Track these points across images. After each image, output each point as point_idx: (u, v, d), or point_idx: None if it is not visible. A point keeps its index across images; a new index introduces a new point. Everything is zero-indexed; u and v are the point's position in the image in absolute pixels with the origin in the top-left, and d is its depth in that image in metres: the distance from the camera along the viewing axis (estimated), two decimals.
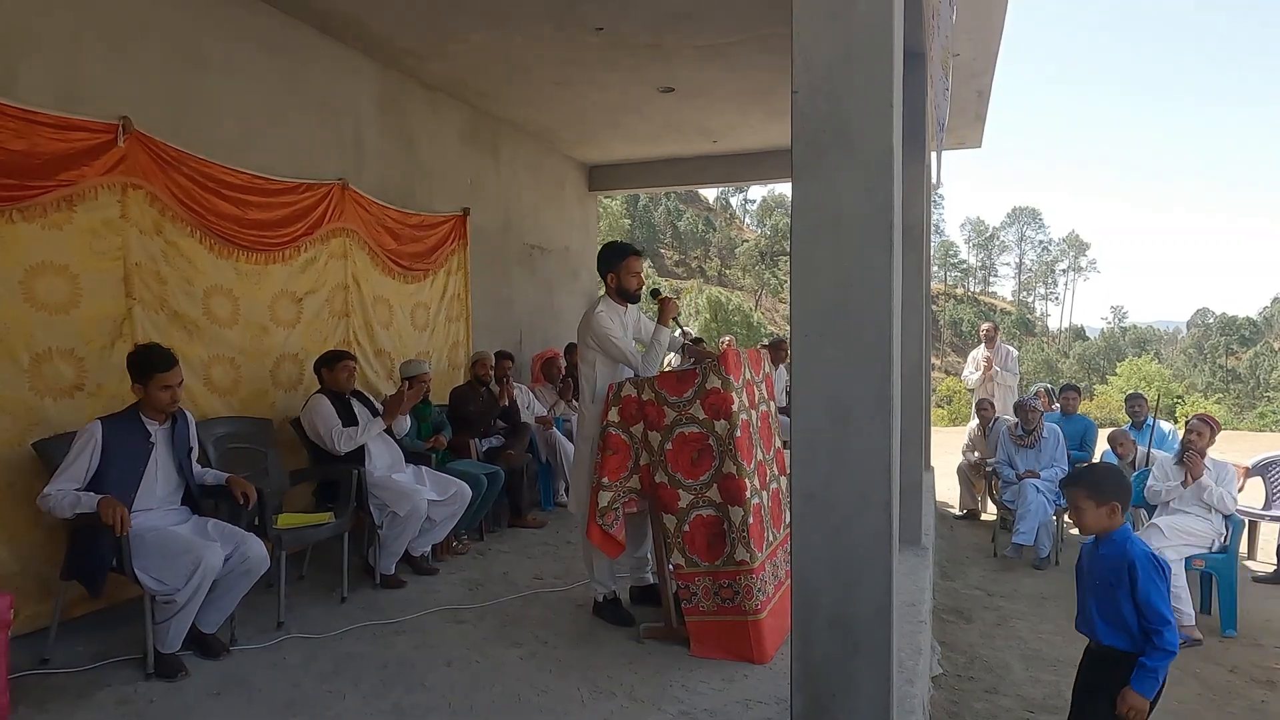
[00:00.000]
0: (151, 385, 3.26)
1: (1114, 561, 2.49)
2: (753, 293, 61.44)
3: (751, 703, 2.99)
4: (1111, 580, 2.49)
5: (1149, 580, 2.42)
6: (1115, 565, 2.48)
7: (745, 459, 3.43)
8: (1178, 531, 4.62)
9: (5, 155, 3.40)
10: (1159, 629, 2.39)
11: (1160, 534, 4.59)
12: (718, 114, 7.33)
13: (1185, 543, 4.60)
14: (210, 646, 3.37)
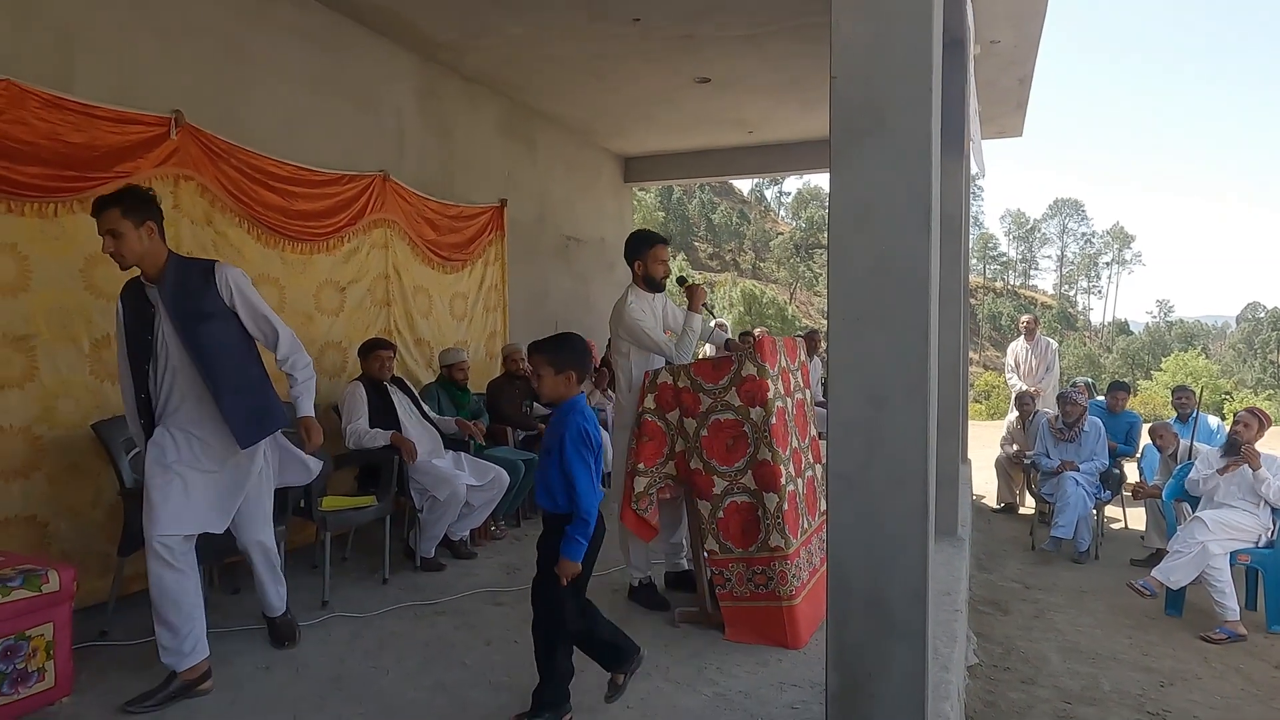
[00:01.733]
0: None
1: (556, 429, 2.59)
2: (787, 286, 61.04)
3: (785, 685, 3.02)
4: (550, 446, 2.59)
5: (574, 451, 2.53)
6: (556, 434, 2.57)
7: (780, 446, 3.45)
8: (1223, 525, 4.54)
9: (66, 148, 3.53)
10: (576, 499, 2.53)
11: (1205, 528, 4.52)
12: (753, 105, 7.32)
13: (1230, 537, 4.52)
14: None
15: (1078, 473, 5.88)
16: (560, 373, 2.62)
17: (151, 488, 2.79)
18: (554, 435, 2.59)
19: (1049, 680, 3.87)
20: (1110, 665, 4.06)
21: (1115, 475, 6.29)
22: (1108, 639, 4.40)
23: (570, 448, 2.53)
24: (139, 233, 2.78)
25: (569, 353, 2.65)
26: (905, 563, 1.92)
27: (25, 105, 3.39)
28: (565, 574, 2.55)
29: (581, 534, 2.54)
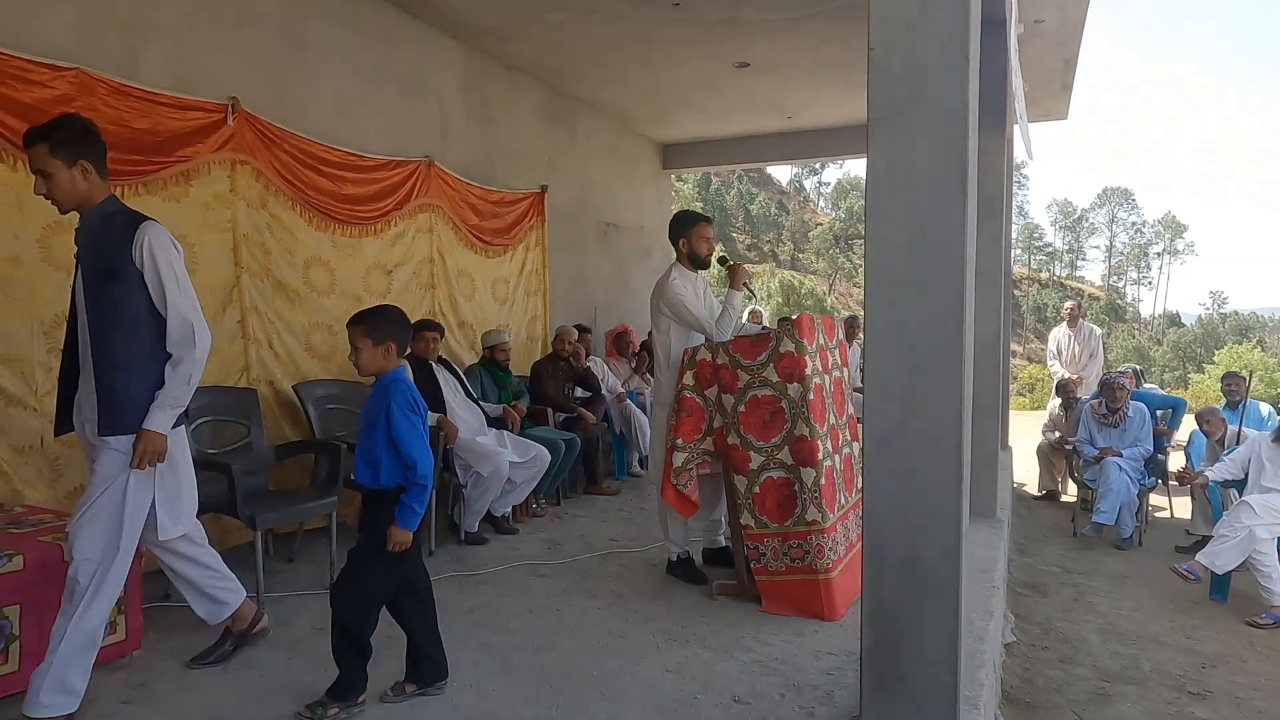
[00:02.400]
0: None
1: (380, 401, 2.54)
2: (826, 277, 60.49)
3: (821, 654, 3.07)
4: (374, 419, 2.53)
5: (404, 419, 2.50)
6: (381, 405, 2.52)
7: (818, 421, 3.50)
8: (1270, 510, 4.47)
9: (131, 133, 3.70)
10: (413, 466, 2.50)
11: (1252, 512, 4.46)
12: (792, 89, 7.32)
13: (1277, 521, 4.45)
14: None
15: (1121, 458, 5.81)
16: (379, 344, 2.56)
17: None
18: (377, 407, 2.53)
19: (1087, 660, 3.87)
20: (1151, 647, 4.04)
21: (1160, 461, 6.20)
22: (1149, 622, 4.37)
23: (400, 415, 2.50)
24: (72, 172, 2.43)
25: (388, 324, 2.60)
26: (939, 522, 1.96)
27: (94, 93, 3.56)
28: (398, 542, 2.52)
29: (419, 501, 2.53)
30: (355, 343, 2.56)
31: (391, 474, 2.51)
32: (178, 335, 2.51)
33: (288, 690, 2.76)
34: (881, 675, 2.04)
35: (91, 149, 2.47)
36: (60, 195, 2.46)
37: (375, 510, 2.54)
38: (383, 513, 2.52)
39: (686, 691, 2.77)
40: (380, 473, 2.51)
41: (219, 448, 3.86)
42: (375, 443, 2.50)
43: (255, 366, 4.27)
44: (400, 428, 2.49)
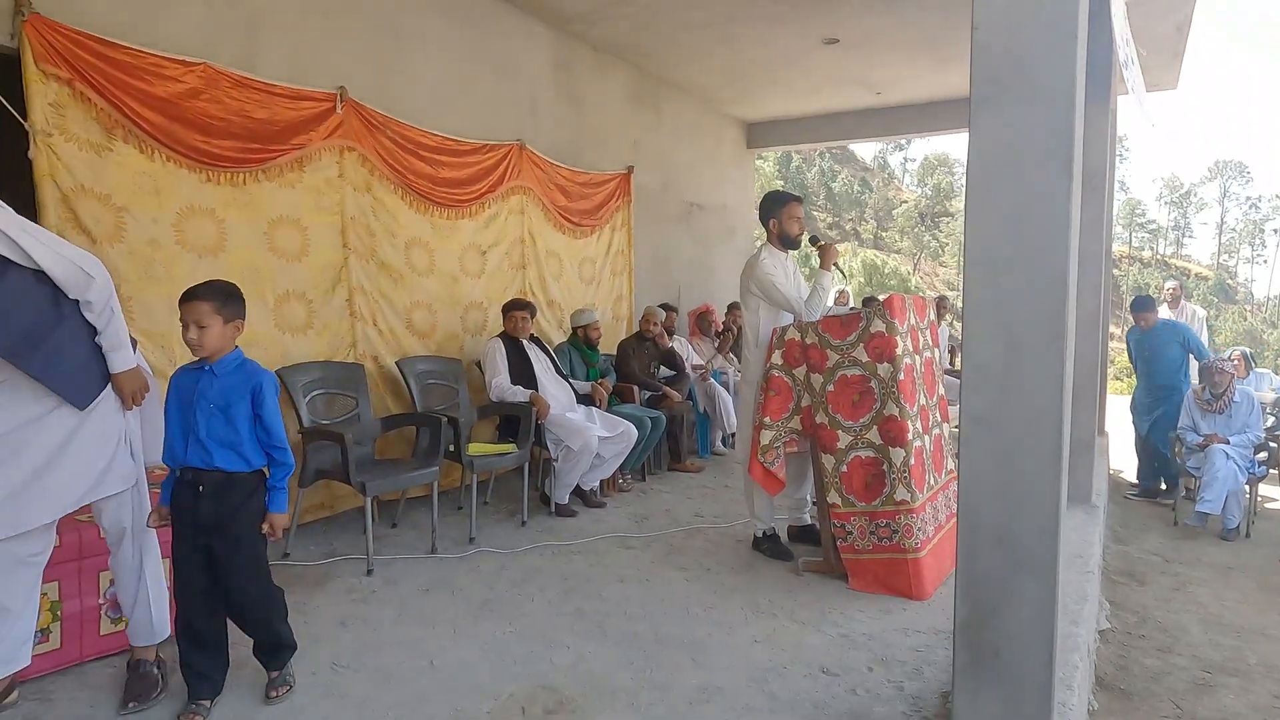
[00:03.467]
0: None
1: (244, 383, 2.40)
2: (911, 256, 58.82)
3: (910, 631, 3.10)
4: (232, 401, 2.38)
5: (275, 401, 2.44)
6: (245, 387, 2.40)
7: (908, 402, 3.50)
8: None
9: (252, 123, 3.95)
10: (285, 448, 2.45)
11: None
12: (883, 65, 7.18)
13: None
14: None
15: (1228, 445, 5.56)
16: (229, 322, 2.42)
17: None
18: (237, 388, 2.40)
19: (1187, 650, 3.77)
20: (1258, 640, 3.90)
21: (1275, 450, 5.91)
22: (1257, 615, 4.21)
23: (272, 398, 2.45)
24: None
25: (237, 302, 2.45)
26: (1036, 502, 1.98)
27: (219, 85, 3.81)
28: (278, 528, 2.48)
29: (285, 483, 2.47)
30: (201, 320, 2.34)
31: (256, 457, 2.44)
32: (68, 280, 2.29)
33: (400, 644, 2.97)
34: (975, 650, 2.07)
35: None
36: None
37: (244, 494, 2.43)
38: (255, 496, 2.45)
39: (775, 661, 2.85)
40: (247, 456, 2.41)
41: (330, 418, 4.11)
42: (237, 426, 2.39)
43: (361, 343, 4.52)
44: (274, 411, 2.44)
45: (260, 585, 2.53)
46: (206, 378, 2.40)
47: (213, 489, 2.39)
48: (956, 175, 64.99)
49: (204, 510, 2.39)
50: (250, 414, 2.41)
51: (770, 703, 2.57)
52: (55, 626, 2.62)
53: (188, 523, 2.41)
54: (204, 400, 2.38)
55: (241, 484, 2.42)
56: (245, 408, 2.40)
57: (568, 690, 2.63)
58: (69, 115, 3.27)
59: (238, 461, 2.40)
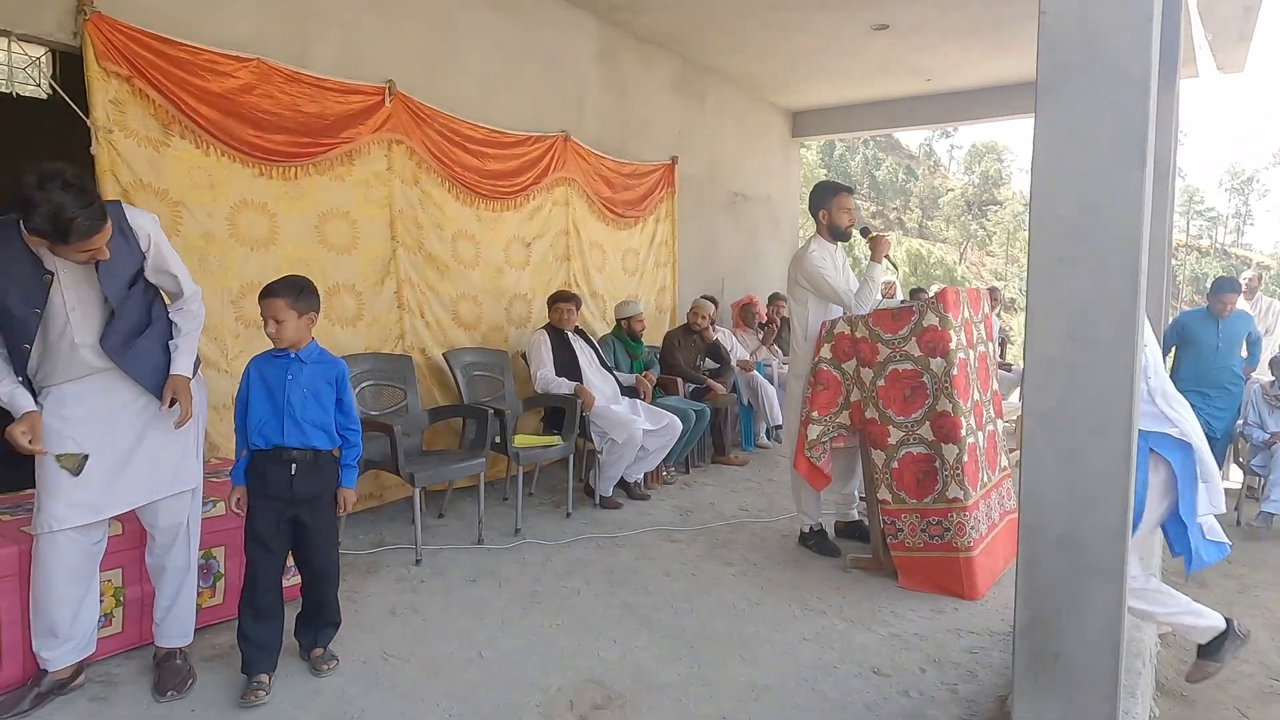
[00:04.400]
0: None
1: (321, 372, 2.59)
2: (956, 245, 57.67)
3: (963, 633, 3.04)
4: (318, 389, 2.57)
5: (350, 389, 2.66)
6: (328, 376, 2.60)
7: (961, 397, 3.42)
8: None
9: (303, 117, 4.00)
10: (356, 430, 2.65)
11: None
12: (934, 51, 7.01)
13: None
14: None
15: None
16: (303, 315, 2.56)
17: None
18: (324, 376, 2.58)
19: (1254, 656, 3.63)
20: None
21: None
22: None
23: (349, 387, 2.64)
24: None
25: (310, 296, 2.58)
26: (1104, 502, 1.91)
27: (271, 81, 3.86)
28: (349, 503, 2.66)
29: (356, 462, 2.68)
30: (278, 315, 2.50)
31: (333, 438, 2.62)
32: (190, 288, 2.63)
33: (449, 634, 2.99)
34: (1036, 654, 2.01)
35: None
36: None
37: (331, 469, 2.63)
38: (335, 473, 2.65)
39: (825, 660, 2.81)
40: (333, 435, 2.61)
41: (380, 410, 4.15)
42: (325, 408, 2.58)
43: (409, 334, 4.56)
44: (350, 398, 2.64)
45: (335, 556, 2.73)
46: (295, 365, 2.57)
47: (305, 466, 2.57)
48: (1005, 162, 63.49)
49: (299, 485, 2.56)
50: (333, 398, 2.61)
51: (820, 702, 2.53)
52: (118, 611, 2.69)
53: (277, 497, 2.56)
54: (296, 385, 2.55)
55: (328, 461, 2.63)
56: (330, 392, 2.61)
57: (615, 685, 2.63)
58: (128, 111, 3.34)
59: (327, 441, 2.60)
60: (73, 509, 2.34)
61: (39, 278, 2.28)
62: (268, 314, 2.52)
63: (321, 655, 2.70)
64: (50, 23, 3.21)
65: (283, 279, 2.59)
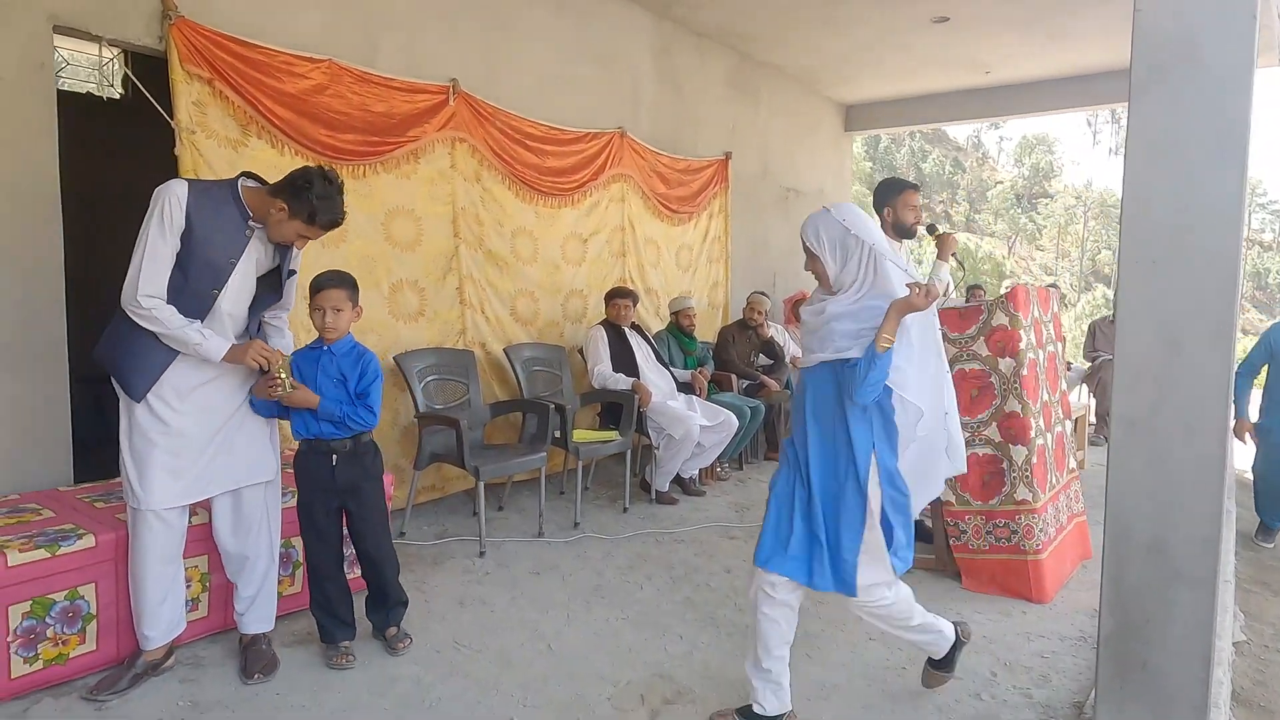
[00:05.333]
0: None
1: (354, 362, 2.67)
2: (1005, 239, 56.49)
3: (1033, 636, 3.00)
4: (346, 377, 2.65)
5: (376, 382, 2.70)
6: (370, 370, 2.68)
7: (1031, 398, 3.37)
8: None
9: (372, 116, 4.08)
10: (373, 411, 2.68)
11: None
12: (994, 43, 6.88)
13: None
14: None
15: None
16: (354, 308, 2.69)
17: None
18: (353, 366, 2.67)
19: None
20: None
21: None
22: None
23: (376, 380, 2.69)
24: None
25: (357, 292, 2.71)
26: (1195, 510, 1.87)
27: (342, 81, 3.94)
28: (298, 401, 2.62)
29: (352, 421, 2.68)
30: (339, 305, 2.63)
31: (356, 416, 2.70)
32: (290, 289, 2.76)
33: (517, 626, 3.05)
34: (1121, 662, 1.99)
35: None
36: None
37: (370, 457, 2.75)
38: (376, 460, 2.77)
39: (893, 661, 2.80)
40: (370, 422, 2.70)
41: (443, 404, 4.23)
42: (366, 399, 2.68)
43: (470, 330, 4.63)
44: (376, 391, 2.70)
45: (388, 540, 2.83)
46: (326, 356, 2.67)
47: (345, 456, 2.67)
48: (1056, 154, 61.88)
49: (341, 475, 2.66)
50: (362, 387, 2.69)
51: (890, 703, 2.53)
52: (204, 596, 2.80)
53: (323, 488, 2.68)
54: (326, 376, 2.65)
55: (366, 448, 2.73)
56: (355, 378, 2.68)
57: (685, 680, 2.65)
58: (209, 113, 3.45)
59: (366, 423, 2.68)
60: (171, 491, 2.44)
61: (241, 232, 2.47)
62: (327, 304, 2.63)
63: (396, 634, 2.82)
64: (138, 27, 3.33)
65: (334, 272, 2.70)
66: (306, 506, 2.71)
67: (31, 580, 2.40)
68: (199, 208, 2.39)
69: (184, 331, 2.39)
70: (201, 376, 2.49)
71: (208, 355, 2.44)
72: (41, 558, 2.41)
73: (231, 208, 2.46)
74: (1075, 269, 44.90)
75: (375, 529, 2.77)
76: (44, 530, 2.54)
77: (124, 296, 2.37)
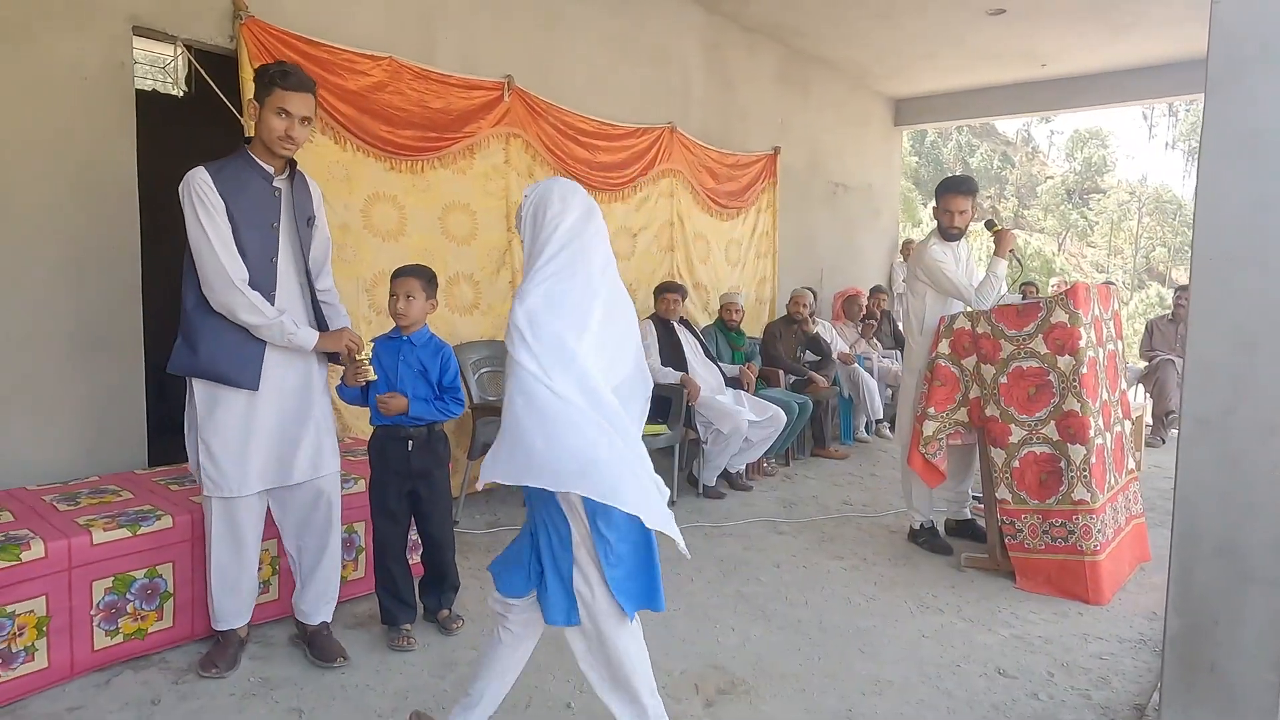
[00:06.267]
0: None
1: (433, 351, 2.77)
2: (1055, 236, 55.22)
3: (1091, 638, 2.97)
4: (427, 367, 2.74)
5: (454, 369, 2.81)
6: (449, 361, 2.79)
7: (1090, 397, 3.33)
8: None
9: (430, 113, 4.16)
10: (459, 400, 2.81)
11: None
12: (1051, 35, 6.75)
13: None
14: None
15: None
16: (428, 299, 2.77)
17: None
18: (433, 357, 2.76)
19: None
20: None
21: None
22: None
23: (453, 367, 2.81)
24: None
25: (434, 286, 2.80)
26: (1267, 509, 1.84)
27: (402, 78, 4.03)
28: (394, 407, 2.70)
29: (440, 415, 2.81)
30: (412, 292, 2.72)
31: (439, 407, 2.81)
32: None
33: None
34: (1187, 664, 1.96)
35: None
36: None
37: (442, 444, 2.87)
38: (445, 446, 2.90)
39: (947, 658, 2.80)
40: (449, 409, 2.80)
41: (496, 395, 4.30)
42: (433, 386, 2.78)
43: None
44: (454, 376, 2.82)
45: (450, 524, 2.96)
46: (407, 347, 2.77)
47: (420, 442, 2.78)
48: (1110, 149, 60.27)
49: (416, 460, 2.78)
50: (438, 375, 2.79)
51: (946, 700, 2.53)
52: (274, 580, 2.90)
53: (397, 472, 2.79)
54: (407, 366, 2.75)
55: (439, 436, 2.85)
56: (435, 370, 2.78)
57: (738, 671, 2.68)
58: None
59: (435, 411, 2.78)
60: (250, 477, 2.51)
61: (269, 193, 2.48)
62: (401, 290, 2.72)
63: (449, 616, 2.93)
64: (210, 27, 3.44)
65: (415, 264, 2.84)
66: (380, 490, 2.80)
67: (114, 558, 2.51)
68: (225, 184, 2.40)
69: (280, 321, 2.43)
70: (274, 362, 2.52)
71: (302, 344, 2.49)
72: (123, 536, 2.52)
73: (251, 172, 2.46)
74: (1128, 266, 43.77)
75: (442, 512, 2.90)
76: (125, 511, 2.65)
77: (214, 290, 2.36)
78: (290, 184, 2.55)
